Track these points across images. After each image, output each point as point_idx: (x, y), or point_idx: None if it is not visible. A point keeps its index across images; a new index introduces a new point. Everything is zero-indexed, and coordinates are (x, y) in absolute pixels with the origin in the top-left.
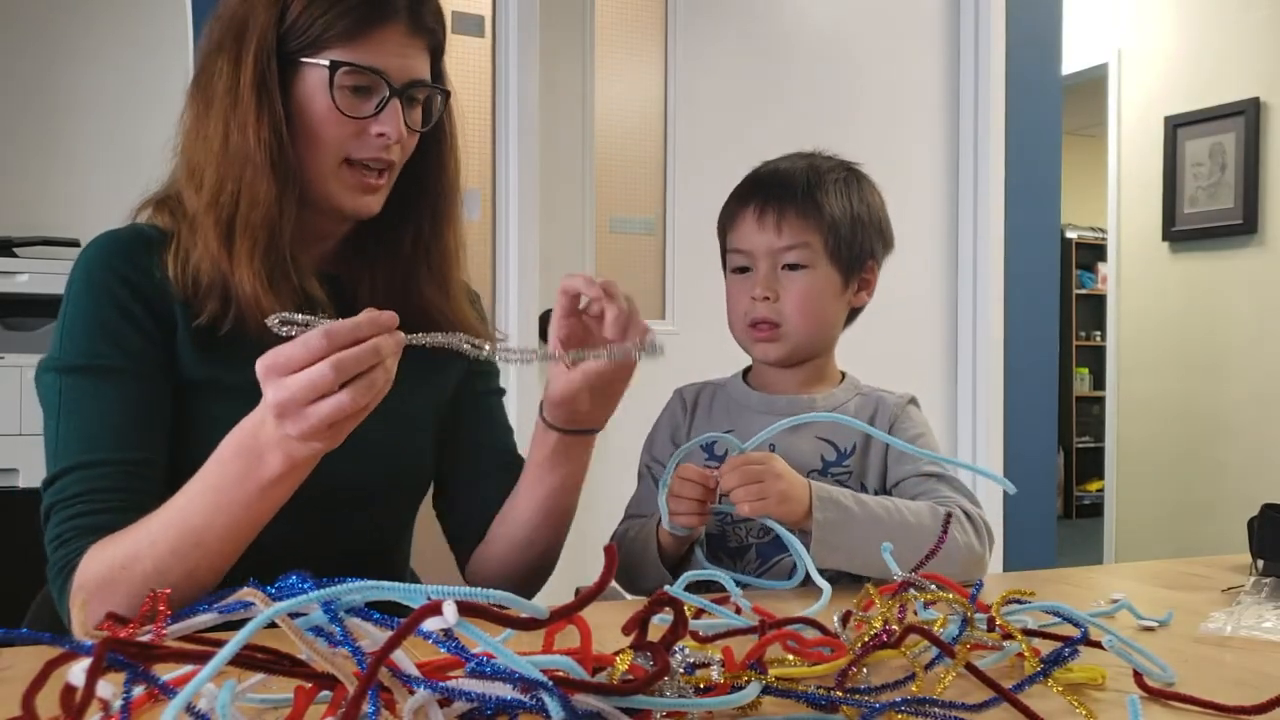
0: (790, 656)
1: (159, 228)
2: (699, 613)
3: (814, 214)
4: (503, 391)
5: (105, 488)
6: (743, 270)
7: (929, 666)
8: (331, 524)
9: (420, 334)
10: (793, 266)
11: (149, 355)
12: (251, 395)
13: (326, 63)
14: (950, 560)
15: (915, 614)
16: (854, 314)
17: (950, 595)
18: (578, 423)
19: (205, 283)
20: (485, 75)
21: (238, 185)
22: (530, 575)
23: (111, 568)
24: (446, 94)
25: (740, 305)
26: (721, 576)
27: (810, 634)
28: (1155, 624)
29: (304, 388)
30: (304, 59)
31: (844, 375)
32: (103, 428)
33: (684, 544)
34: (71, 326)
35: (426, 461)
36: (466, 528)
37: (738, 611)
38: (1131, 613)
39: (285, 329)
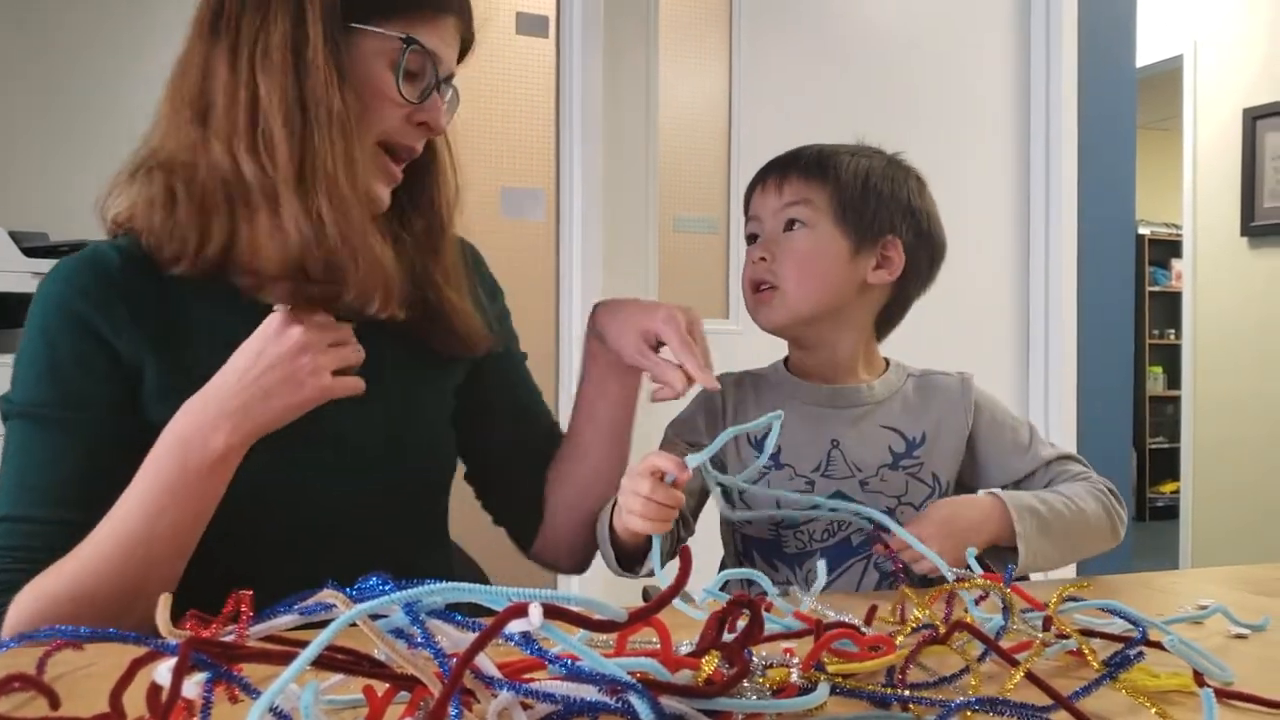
0: (834, 656)
1: (120, 245)
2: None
3: (817, 173)
4: (524, 355)
5: (38, 546)
6: (754, 238)
7: (981, 659)
8: (350, 536)
9: None
10: (792, 225)
11: (104, 404)
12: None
13: (401, 36)
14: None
15: (965, 611)
16: (897, 305)
17: (991, 585)
18: None
19: (278, 261)
20: (549, 75)
21: (325, 155)
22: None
23: (52, 614)
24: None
25: (747, 272)
26: (759, 577)
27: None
28: (1249, 630)
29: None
30: (369, 26)
31: (889, 362)
32: (41, 482)
33: (643, 541)
34: (24, 369)
35: (440, 454)
36: (513, 503)
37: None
38: (1227, 617)
39: None
